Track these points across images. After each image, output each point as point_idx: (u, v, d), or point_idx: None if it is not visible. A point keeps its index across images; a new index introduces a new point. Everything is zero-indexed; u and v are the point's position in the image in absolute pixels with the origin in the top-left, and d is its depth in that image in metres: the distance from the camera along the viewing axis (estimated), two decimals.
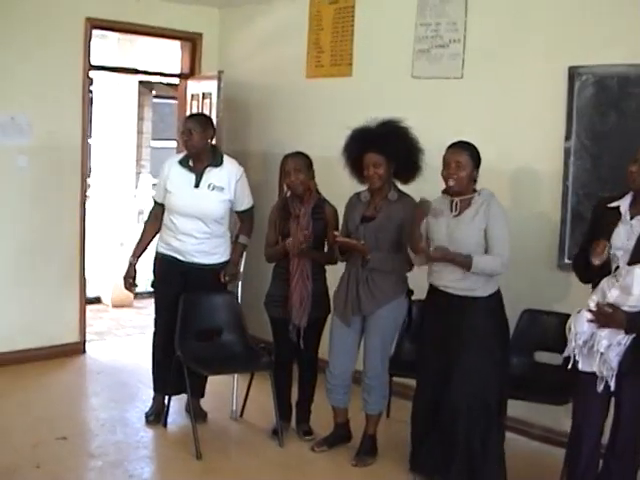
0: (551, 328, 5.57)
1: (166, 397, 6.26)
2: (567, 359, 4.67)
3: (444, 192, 5.27)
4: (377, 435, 5.79)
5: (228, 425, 6.35)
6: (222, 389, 6.55)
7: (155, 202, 6.35)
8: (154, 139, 18.81)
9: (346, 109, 6.99)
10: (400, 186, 5.67)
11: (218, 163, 6.14)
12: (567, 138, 5.89)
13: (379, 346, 5.56)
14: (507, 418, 5.53)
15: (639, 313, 4.42)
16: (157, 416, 6.28)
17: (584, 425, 4.76)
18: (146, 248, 6.35)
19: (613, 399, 4.68)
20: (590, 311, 4.54)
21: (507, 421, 5.57)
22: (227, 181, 6.12)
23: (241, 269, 6.54)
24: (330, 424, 5.92)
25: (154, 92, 17.34)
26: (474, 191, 5.19)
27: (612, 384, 4.53)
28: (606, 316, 4.48)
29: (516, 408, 5.54)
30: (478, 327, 5.09)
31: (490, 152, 5.36)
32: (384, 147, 5.46)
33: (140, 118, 12.66)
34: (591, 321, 4.54)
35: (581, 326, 4.58)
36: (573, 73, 5.87)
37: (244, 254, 6.49)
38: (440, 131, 5.73)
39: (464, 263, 5.01)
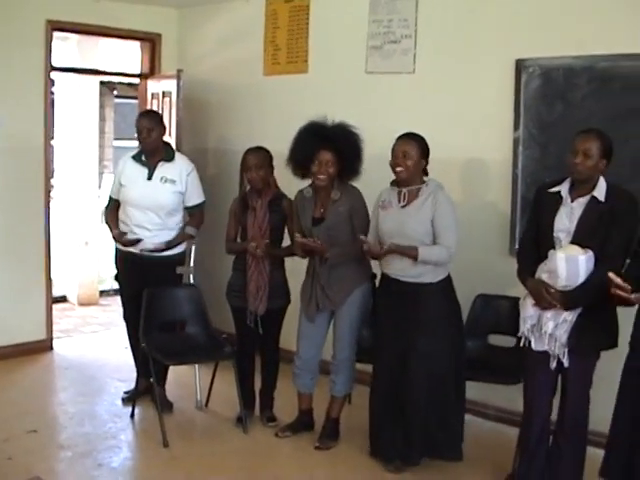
0: (504, 312, 5.72)
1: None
2: (520, 339, 4.86)
3: (392, 183, 5.39)
4: (339, 420, 5.88)
5: (194, 414, 6.43)
6: (188, 380, 6.63)
7: (111, 198, 6.50)
8: (116, 139, 18.80)
9: (303, 105, 7.05)
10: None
11: (170, 158, 6.34)
12: (515, 128, 6.03)
13: (347, 330, 5.67)
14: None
15: (573, 290, 4.57)
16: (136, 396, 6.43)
17: (534, 402, 4.91)
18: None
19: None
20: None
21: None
22: (179, 174, 6.31)
23: (191, 262, 6.75)
24: (294, 411, 6.02)
25: (116, 92, 17.28)
26: (423, 182, 5.30)
27: (565, 361, 4.68)
28: (543, 298, 4.64)
29: (471, 390, 5.64)
30: (430, 311, 5.22)
31: (442, 144, 5.48)
32: (338, 147, 5.54)
33: (102, 118, 12.66)
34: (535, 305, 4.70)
35: (527, 311, 4.76)
36: (520, 66, 6.00)
37: (193, 246, 6.77)
38: (393, 124, 5.78)
39: (411, 254, 5.14)
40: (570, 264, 4.53)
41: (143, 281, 6.22)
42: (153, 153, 6.28)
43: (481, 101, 6.24)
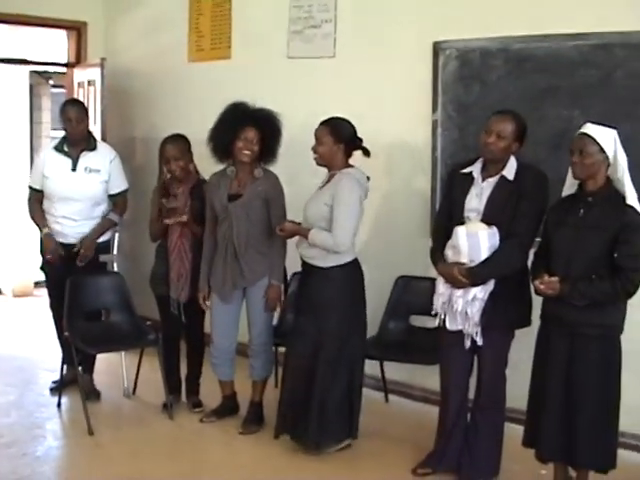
0: (425, 293, 5.57)
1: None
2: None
3: None
4: (264, 404, 5.80)
5: (121, 402, 6.30)
6: (116, 369, 6.49)
7: (32, 189, 6.31)
8: (53, 129, 18.47)
9: (227, 91, 6.86)
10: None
11: (93, 147, 6.20)
12: (434, 110, 5.99)
13: (263, 314, 5.59)
14: (389, 381, 5.60)
15: (477, 266, 4.55)
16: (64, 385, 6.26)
17: (450, 382, 4.90)
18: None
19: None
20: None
21: (389, 384, 5.66)
22: (102, 163, 6.18)
23: (115, 249, 6.61)
24: (219, 396, 5.93)
25: (52, 82, 16.94)
26: (346, 167, 5.20)
27: (478, 339, 4.67)
28: (449, 275, 4.63)
29: (397, 371, 5.61)
30: (317, 295, 5.17)
31: (363, 127, 5.35)
32: (262, 125, 5.46)
33: (38, 108, 12.37)
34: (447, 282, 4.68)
35: (439, 288, 4.73)
36: (437, 48, 5.97)
37: (117, 234, 6.63)
38: (316, 109, 5.71)
39: (303, 235, 5.13)
40: (471, 239, 4.53)
41: (68, 270, 6.07)
42: (77, 143, 6.14)
43: (400, 84, 6.18)
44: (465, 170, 4.79)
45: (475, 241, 4.53)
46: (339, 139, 5.14)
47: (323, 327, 5.12)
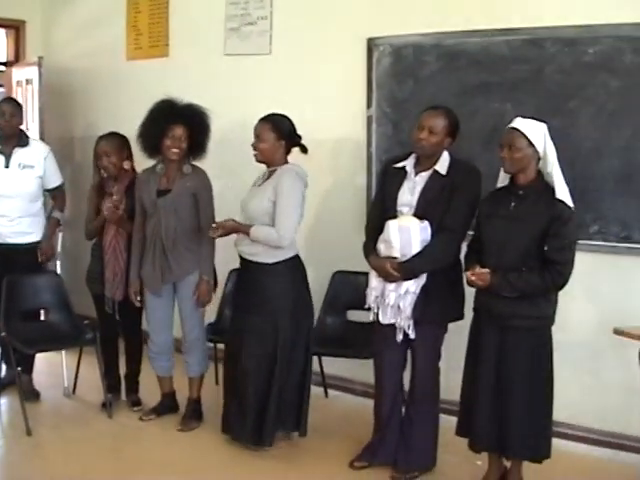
0: (361, 288, 5.45)
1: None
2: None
3: None
4: (204, 400, 5.75)
5: (60, 402, 6.18)
6: (56, 368, 6.38)
7: None
8: None
9: (165, 89, 6.75)
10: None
11: (25, 143, 6.12)
12: (368, 106, 5.97)
13: (194, 309, 5.50)
14: (328, 376, 5.56)
15: (409, 260, 4.54)
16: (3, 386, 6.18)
17: (384, 375, 4.88)
18: None
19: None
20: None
21: (328, 379, 5.62)
22: (36, 159, 6.10)
23: (58, 248, 6.46)
24: (159, 394, 5.85)
25: None
26: (285, 163, 5.15)
27: (411, 333, 4.66)
28: (381, 269, 4.61)
29: (337, 365, 5.58)
30: (262, 291, 5.08)
31: (299, 123, 5.31)
32: (189, 122, 5.39)
33: None
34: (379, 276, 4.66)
35: (372, 282, 4.71)
36: (371, 44, 5.95)
37: (60, 233, 6.49)
38: (253, 106, 5.66)
39: (245, 231, 5.04)
40: (403, 233, 4.52)
41: (5, 269, 5.96)
42: (9, 140, 6.05)
43: (335, 81, 6.16)
44: (398, 165, 4.78)
45: (407, 235, 4.52)
46: (281, 135, 5.09)
47: (278, 325, 5.05)
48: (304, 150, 5.18)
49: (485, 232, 4.46)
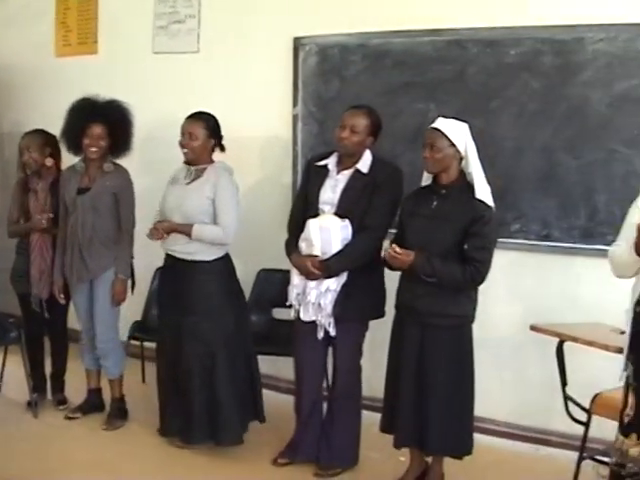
0: (286, 285, 5.45)
1: None
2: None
3: (185, 161, 5.17)
4: (130, 399, 5.67)
5: None
6: None
7: None
8: None
9: (94, 87, 6.67)
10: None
11: None
12: (294, 105, 5.95)
13: (106, 309, 5.40)
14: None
15: (330, 258, 4.53)
16: None
17: (305, 373, 4.87)
18: None
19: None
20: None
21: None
22: None
23: None
24: (85, 392, 5.76)
25: None
26: (212, 161, 5.09)
27: (331, 330, 4.64)
28: (302, 268, 4.60)
29: (262, 363, 5.52)
30: (203, 290, 5.00)
31: (226, 121, 5.25)
32: (109, 120, 5.31)
33: None
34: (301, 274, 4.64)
35: (293, 280, 4.70)
36: (297, 44, 5.93)
37: None
38: (181, 105, 5.54)
39: (186, 231, 4.94)
40: (323, 233, 4.52)
41: None
42: None
43: (262, 79, 6.11)
44: (321, 163, 4.76)
45: (327, 234, 4.51)
46: (211, 133, 5.05)
47: (218, 322, 4.99)
48: (223, 149, 5.13)
49: (407, 230, 4.45)
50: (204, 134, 5.01)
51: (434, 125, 4.32)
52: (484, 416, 5.28)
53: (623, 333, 3.91)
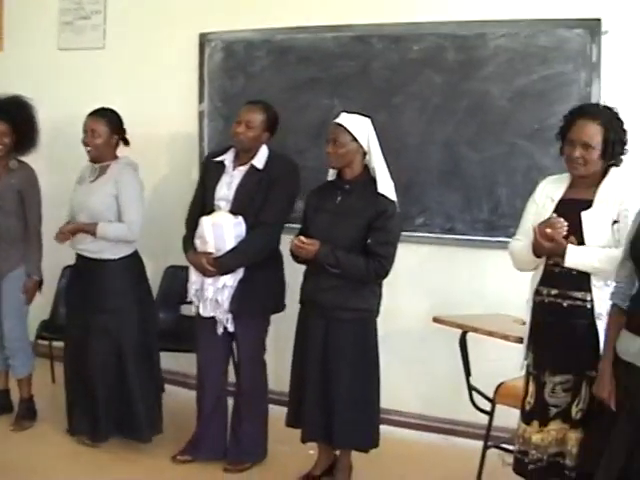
0: None
1: None
2: None
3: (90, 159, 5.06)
4: (39, 399, 5.52)
5: None
6: None
7: None
8: None
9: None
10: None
11: None
12: (201, 101, 5.88)
13: (14, 308, 5.23)
14: (164, 371, 5.43)
15: (224, 255, 4.49)
16: None
17: (207, 369, 4.80)
18: None
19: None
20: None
21: (164, 374, 5.49)
22: None
23: None
24: None
25: None
26: (115, 158, 4.99)
27: (229, 326, 4.62)
28: (198, 265, 4.58)
29: (172, 360, 5.47)
30: (110, 288, 4.90)
31: (133, 118, 5.15)
32: (12, 117, 5.16)
33: None
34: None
35: (191, 277, 4.66)
36: (203, 40, 5.87)
37: None
38: (87, 100, 5.42)
39: (90, 230, 4.84)
40: (216, 230, 4.48)
41: None
42: None
43: (168, 75, 6.02)
44: (218, 159, 4.71)
45: (220, 231, 4.47)
46: (114, 130, 4.94)
47: (124, 321, 4.88)
48: (127, 143, 5.04)
49: (312, 225, 4.41)
50: (106, 131, 4.91)
51: (337, 120, 4.30)
52: (393, 408, 5.31)
53: (524, 324, 3.94)
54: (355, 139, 4.25)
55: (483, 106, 5.15)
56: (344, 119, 4.28)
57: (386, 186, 4.29)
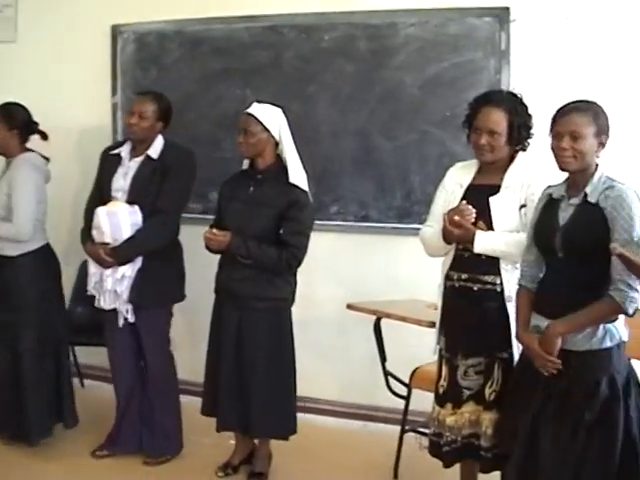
0: None
1: None
2: None
3: None
4: None
5: None
6: None
7: None
8: None
9: None
10: None
11: None
12: (113, 94, 5.78)
13: None
14: (83, 366, 5.42)
15: (121, 244, 4.42)
16: None
17: (117, 361, 4.74)
18: None
19: None
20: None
21: (83, 368, 5.46)
22: None
23: None
24: None
25: None
26: (23, 152, 4.80)
27: (130, 317, 4.55)
28: (95, 256, 4.49)
29: (91, 355, 5.41)
30: (8, 286, 4.74)
31: (45, 111, 4.99)
32: None
33: None
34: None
35: (90, 269, 4.58)
36: (116, 31, 5.76)
37: None
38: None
39: None
40: (111, 218, 4.40)
41: None
42: None
43: (81, 68, 5.88)
44: (114, 151, 4.66)
45: (115, 220, 4.39)
46: (12, 125, 4.76)
47: (22, 319, 4.71)
48: (44, 137, 4.89)
49: (225, 215, 4.38)
50: (3, 126, 4.74)
51: (248, 110, 4.25)
52: (312, 396, 5.31)
53: (437, 309, 3.94)
54: (266, 129, 4.21)
55: (395, 94, 5.15)
56: (255, 109, 4.24)
57: (298, 176, 4.26)
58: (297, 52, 5.30)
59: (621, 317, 3.20)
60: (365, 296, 4.83)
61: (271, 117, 4.24)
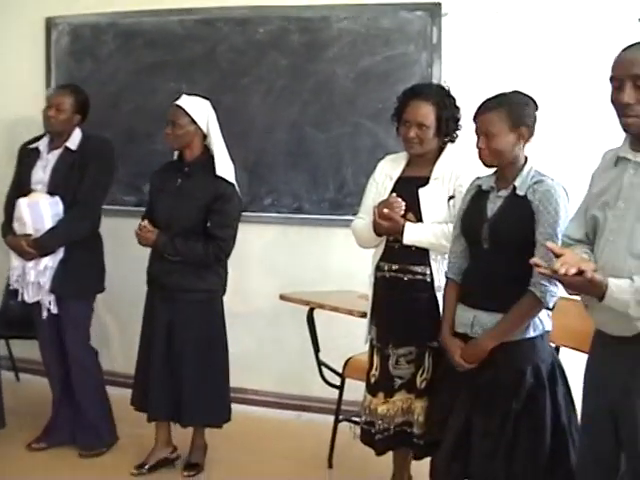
0: None
1: None
2: None
3: None
4: None
5: None
6: None
7: None
8: None
9: None
10: None
11: None
12: (48, 86, 5.62)
13: None
14: (18, 359, 5.43)
15: (43, 235, 4.34)
16: None
17: (45, 358, 4.69)
18: None
19: None
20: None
21: (18, 362, 5.43)
22: None
23: None
24: None
25: None
26: None
27: (52, 308, 4.48)
28: (17, 248, 4.40)
29: (26, 348, 5.32)
30: None
31: None
32: None
33: None
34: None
35: (12, 262, 4.50)
36: (50, 24, 5.67)
37: None
38: None
39: None
40: (33, 209, 4.34)
41: None
42: None
43: (14, 60, 5.78)
44: (32, 145, 4.61)
45: (37, 211, 4.33)
46: None
47: None
48: None
49: (155, 207, 4.34)
50: None
51: (176, 102, 4.23)
52: (246, 387, 5.28)
53: (368, 299, 3.91)
54: (194, 121, 4.19)
55: (328, 87, 5.14)
56: (183, 101, 4.22)
57: (224, 168, 4.23)
58: (231, 45, 5.26)
59: None
60: (298, 287, 4.81)
61: (199, 109, 4.22)
